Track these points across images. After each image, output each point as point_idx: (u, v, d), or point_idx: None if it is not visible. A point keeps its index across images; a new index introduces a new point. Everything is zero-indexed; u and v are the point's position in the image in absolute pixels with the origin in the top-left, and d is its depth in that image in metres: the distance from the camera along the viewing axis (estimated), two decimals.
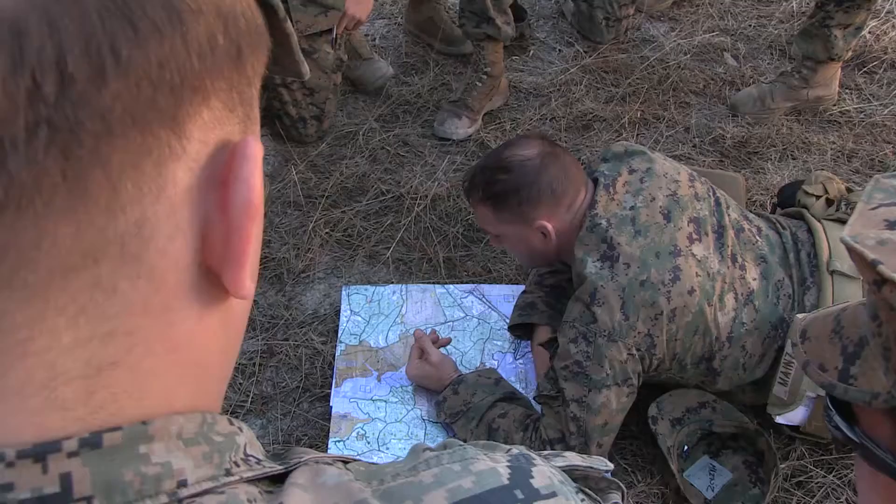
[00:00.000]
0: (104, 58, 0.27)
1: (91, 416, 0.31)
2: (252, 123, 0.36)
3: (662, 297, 1.42)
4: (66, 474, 0.29)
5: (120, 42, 0.28)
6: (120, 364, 0.31)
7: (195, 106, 0.31)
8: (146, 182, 0.30)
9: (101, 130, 0.28)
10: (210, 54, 0.31)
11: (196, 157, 0.32)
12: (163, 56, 0.29)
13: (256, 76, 0.35)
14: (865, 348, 0.61)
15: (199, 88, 0.31)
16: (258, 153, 0.34)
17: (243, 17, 0.33)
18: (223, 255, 0.34)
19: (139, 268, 0.31)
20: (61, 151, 0.27)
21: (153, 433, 0.32)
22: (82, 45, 0.27)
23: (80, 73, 0.27)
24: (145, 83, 0.28)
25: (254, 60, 0.34)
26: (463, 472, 0.38)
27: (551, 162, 1.51)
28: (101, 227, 0.29)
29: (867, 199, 0.63)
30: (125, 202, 0.29)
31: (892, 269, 0.54)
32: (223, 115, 0.33)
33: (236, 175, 0.33)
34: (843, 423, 0.64)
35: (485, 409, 1.58)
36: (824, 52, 2.31)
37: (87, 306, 0.30)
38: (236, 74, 0.33)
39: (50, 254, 0.29)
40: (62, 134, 0.27)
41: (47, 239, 0.28)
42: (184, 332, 0.34)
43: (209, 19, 0.31)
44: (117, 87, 0.28)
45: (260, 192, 0.34)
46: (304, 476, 0.36)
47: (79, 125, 0.27)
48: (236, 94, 0.33)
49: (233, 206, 0.33)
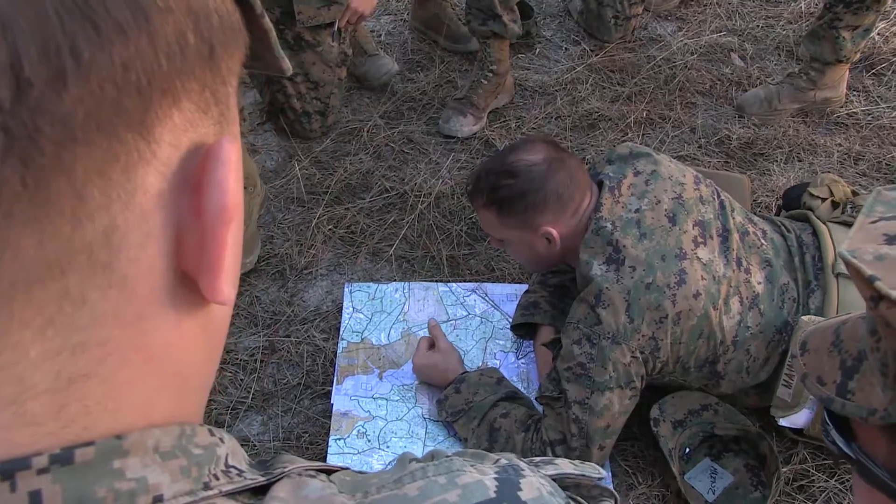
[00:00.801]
0: (64, 60, 0.26)
1: (62, 430, 0.30)
2: (229, 123, 0.34)
3: (668, 301, 1.41)
4: (35, 492, 0.28)
5: (80, 43, 0.26)
6: (92, 376, 0.30)
7: (164, 108, 0.30)
8: (114, 189, 0.29)
9: (62, 137, 0.26)
10: (179, 54, 0.29)
11: (167, 162, 0.31)
12: (128, 57, 0.27)
13: (232, 74, 0.34)
14: (864, 363, 0.61)
15: (168, 90, 0.29)
16: (233, 155, 0.33)
17: (216, 14, 0.31)
18: (198, 260, 0.32)
19: (110, 277, 0.30)
20: (20, 159, 0.26)
21: (128, 447, 0.31)
22: (39, 48, 0.25)
23: (38, 77, 0.25)
24: (109, 86, 0.27)
25: (228, 59, 0.33)
26: (448, 486, 0.37)
27: (558, 167, 1.49)
28: (66, 237, 0.28)
29: (868, 212, 0.62)
30: (92, 210, 0.28)
31: (890, 286, 0.53)
32: (195, 116, 0.31)
33: (209, 179, 0.32)
34: (839, 438, 0.63)
35: (487, 409, 1.57)
36: (832, 54, 2.30)
37: (56, 318, 0.29)
38: (209, 74, 0.31)
39: (12, 266, 0.27)
40: (20, 141, 0.26)
41: (8, 251, 0.27)
42: (160, 341, 0.33)
43: (178, 17, 0.29)
44: (78, 92, 0.26)
45: (235, 195, 0.32)
46: (285, 489, 0.36)
47: (38, 132, 0.26)
48: (210, 93, 0.32)
49: (206, 210, 0.32)
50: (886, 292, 0.52)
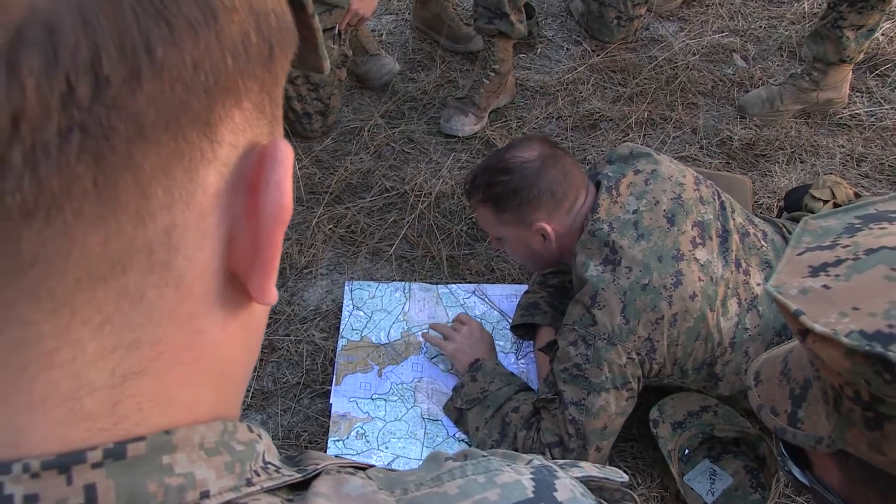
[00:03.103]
0: (139, 58, 0.26)
1: (115, 426, 0.30)
2: (278, 124, 0.35)
3: (664, 302, 1.41)
4: (90, 485, 0.29)
5: (155, 41, 0.26)
6: (145, 373, 0.31)
7: (227, 108, 0.30)
8: (177, 188, 0.29)
9: (133, 135, 0.27)
10: (244, 53, 0.30)
11: (226, 161, 0.31)
12: (198, 56, 0.28)
13: (284, 75, 0.34)
14: (810, 391, 0.61)
15: (231, 89, 0.30)
16: (289, 156, 0.33)
17: (274, 15, 0.31)
18: (251, 261, 0.33)
19: (167, 276, 0.30)
20: (93, 157, 0.26)
21: (176, 443, 0.31)
22: (117, 45, 0.25)
23: (116, 74, 0.26)
24: (179, 85, 0.27)
25: (283, 59, 0.33)
26: (487, 484, 0.37)
27: (551, 164, 1.52)
28: (129, 235, 0.28)
29: (795, 244, 0.62)
30: (155, 209, 0.29)
31: (814, 319, 0.53)
32: (253, 116, 0.32)
33: (267, 179, 0.32)
34: (795, 468, 0.63)
35: (502, 401, 1.59)
36: (835, 54, 2.29)
37: (113, 316, 0.29)
38: (267, 74, 0.32)
39: (78, 263, 0.28)
40: (95, 139, 0.26)
41: (76, 248, 0.27)
42: (209, 340, 0.33)
43: (242, 17, 0.29)
44: (151, 90, 0.26)
45: (291, 196, 0.33)
46: (326, 485, 0.36)
47: (112, 130, 0.26)
48: (266, 94, 0.32)
49: (263, 211, 0.32)
50: (811, 326, 0.53)
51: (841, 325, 0.52)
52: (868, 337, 0.50)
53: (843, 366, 0.52)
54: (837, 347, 0.51)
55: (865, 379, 0.51)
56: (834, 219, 0.63)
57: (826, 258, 0.57)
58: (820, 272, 0.56)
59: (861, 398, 0.53)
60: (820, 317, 0.53)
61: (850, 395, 0.54)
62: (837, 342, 0.51)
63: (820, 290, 0.55)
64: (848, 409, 0.55)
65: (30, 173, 0.25)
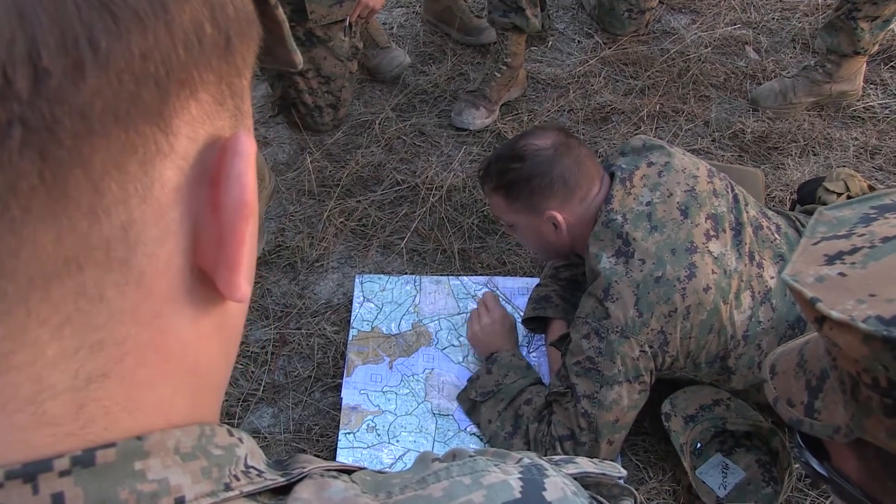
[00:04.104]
0: (82, 50, 0.25)
1: (82, 430, 0.29)
2: (243, 117, 0.34)
3: (677, 294, 1.41)
4: (57, 494, 0.28)
5: (98, 33, 0.25)
6: (110, 375, 0.30)
7: (182, 100, 0.29)
8: (131, 182, 0.28)
9: (80, 129, 0.26)
10: (197, 44, 0.29)
11: (184, 155, 0.30)
12: (146, 47, 0.27)
13: (247, 67, 0.33)
14: (826, 381, 0.61)
15: (186, 81, 0.29)
16: (251, 149, 0.32)
17: (232, 5, 0.31)
18: (216, 257, 0.32)
19: (127, 273, 0.29)
20: (38, 152, 0.25)
21: (149, 449, 0.30)
22: (57, 37, 0.25)
23: (56, 67, 0.25)
24: (127, 77, 0.26)
25: (244, 50, 0.32)
26: (473, 486, 0.37)
27: (565, 153, 1.51)
28: (83, 232, 0.27)
29: (810, 234, 0.62)
30: (109, 204, 0.28)
31: (831, 306, 0.52)
32: (212, 108, 0.31)
33: (227, 173, 0.31)
34: (812, 459, 0.63)
35: (515, 394, 1.59)
36: (849, 46, 2.27)
37: (73, 316, 0.28)
38: (225, 65, 0.31)
39: (29, 262, 0.27)
40: (38, 133, 0.25)
41: (26, 246, 0.26)
42: (178, 339, 0.32)
43: (195, 6, 0.28)
44: (97, 82, 0.26)
45: (253, 190, 0.32)
46: (308, 490, 0.35)
47: (56, 123, 0.25)
48: (226, 86, 0.31)
49: (225, 205, 0.31)
50: (827, 313, 0.52)
51: (858, 312, 0.51)
52: (886, 322, 0.50)
53: (861, 352, 0.52)
54: (854, 333, 0.51)
55: (883, 365, 0.51)
56: (849, 209, 0.63)
57: (842, 247, 0.57)
58: (836, 260, 0.56)
59: (879, 385, 0.53)
60: (836, 304, 0.52)
61: (868, 383, 0.54)
62: (854, 328, 0.51)
63: (836, 277, 0.55)
64: (866, 397, 0.54)
65: None
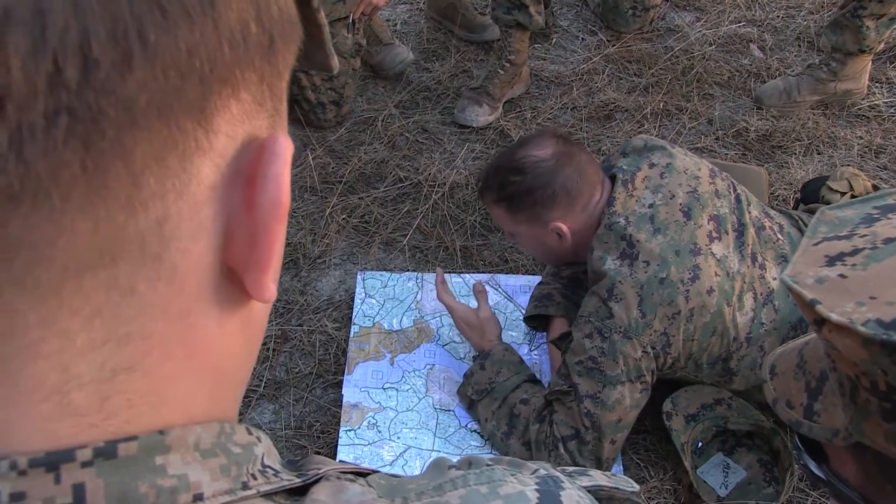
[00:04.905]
0: (131, 43, 0.25)
1: (105, 422, 0.29)
2: (280, 119, 0.34)
3: (681, 296, 1.40)
4: (79, 485, 0.28)
5: (148, 26, 0.26)
6: (136, 369, 0.30)
7: (224, 98, 0.29)
8: (170, 177, 0.28)
9: (124, 121, 0.26)
10: (242, 43, 0.29)
11: (222, 153, 0.30)
12: (192, 43, 0.27)
13: (287, 69, 0.33)
14: (826, 383, 0.60)
15: (228, 79, 0.29)
16: (288, 150, 0.32)
17: (276, 5, 0.31)
18: (247, 256, 0.32)
19: (159, 268, 0.29)
20: (82, 142, 0.25)
21: (170, 444, 0.30)
22: (108, 28, 0.25)
23: (105, 58, 0.25)
24: (173, 72, 0.27)
25: (285, 52, 0.32)
26: (490, 495, 0.36)
27: (566, 162, 1.49)
28: (120, 225, 0.28)
29: (811, 234, 0.61)
30: (147, 198, 0.28)
31: (830, 309, 0.52)
32: (252, 108, 0.31)
33: (264, 173, 0.31)
34: (811, 462, 0.63)
35: (508, 391, 1.58)
36: (854, 44, 2.26)
37: (103, 308, 0.29)
38: (268, 66, 0.31)
39: (66, 251, 0.27)
40: (83, 123, 0.25)
41: (64, 235, 0.27)
42: (204, 337, 0.33)
43: (242, 5, 0.29)
44: (143, 75, 0.26)
45: (288, 191, 0.32)
46: (325, 492, 0.35)
47: (101, 114, 0.25)
48: (266, 86, 0.31)
49: (260, 205, 0.31)
50: (827, 315, 0.52)
51: (857, 315, 0.51)
52: (885, 326, 0.50)
53: (860, 355, 0.51)
54: (854, 337, 0.51)
55: (882, 369, 0.51)
56: (851, 209, 0.62)
57: (843, 248, 0.57)
58: (836, 261, 0.56)
59: (878, 389, 0.53)
60: (836, 306, 0.52)
61: (867, 386, 0.53)
62: (854, 331, 0.50)
63: (836, 279, 0.54)
64: (864, 401, 0.54)
65: (15, 155, 0.25)
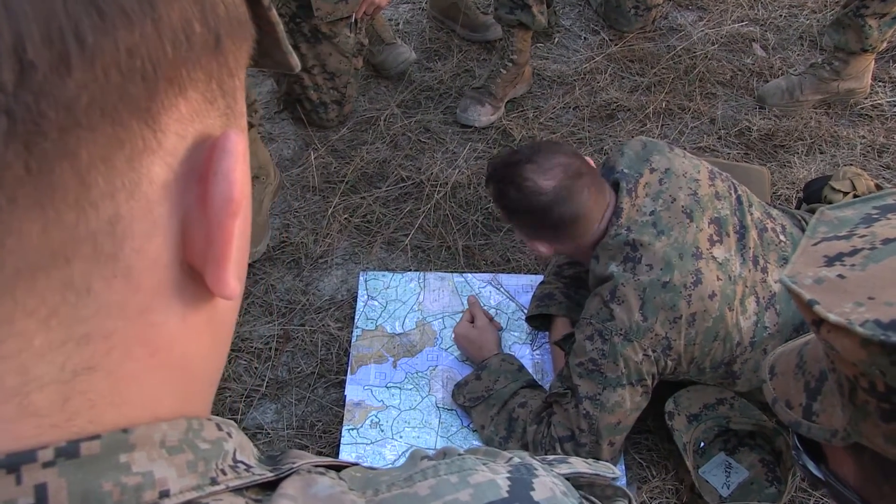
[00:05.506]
0: (67, 44, 0.25)
1: (67, 423, 0.29)
2: (236, 117, 0.34)
3: (683, 301, 1.40)
4: (41, 485, 0.28)
5: (84, 27, 0.26)
6: (97, 368, 0.30)
7: (170, 97, 0.29)
8: (118, 177, 0.28)
9: (66, 121, 0.26)
10: (185, 42, 0.29)
11: (173, 152, 0.30)
12: (132, 43, 0.27)
13: (239, 67, 0.33)
14: (825, 383, 0.60)
15: (174, 79, 0.29)
16: (240, 147, 0.32)
17: (223, 4, 0.31)
18: (205, 253, 0.32)
19: (114, 267, 0.29)
20: (23, 143, 0.25)
21: (134, 441, 0.30)
22: (43, 31, 0.25)
23: (41, 60, 0.25)
24: (114, 72, 0.27)
25: (235, 50, 0.32)
26: (460, 485, 0.36)
27: (566, 198, 1.42)
28: (71, 225, 0.28)
29: (811, 234, 0.61)
30: (96, 198, 0.28)
31: (829, 309, 0.52)
32: (202, 107, 0.31)
33: (216, 170, 0.31)
34: (809, 462, 0.63)
35: (507, 397, 1.58)
36: (857, 43, 2.26)
37: (59, 308, 0.28)
38: (216, 64, 0.31)
39: (15, 252, 0.27)
40: (23, 125, 0.25)
41: (11, 237, 0.27)
42: (166, 334, 0.32)
43: (184, 5, 0.29)
44: (83, 76, 0.26)
45: (242, 187, 0.32)
46: (294, 486, 0.35)
47: (41, 116, 0.25)
48: (216, 85, 0.32)
49: (212, 202, 0.31)
50: (825, 316, 0.52)
51: (856, 315, 0.51)
52: (883, 326, 0.49)
53: (858, 356, 0.51)
54: (852, 337, 0.51)
55: (881, 369, 0.51)
56: (851, 209, 0.62)
57: (842, 248, 0.57)
58: (835, 262, 0.56)
59: (876, 389, 0.53)
60: (834, 306, 0.52)
61: (865, 387, 0.53)
62: (852, 332, 0.50)
63: (835, 279, 0.54)
64: (863, 401, 0.54)
65: None
